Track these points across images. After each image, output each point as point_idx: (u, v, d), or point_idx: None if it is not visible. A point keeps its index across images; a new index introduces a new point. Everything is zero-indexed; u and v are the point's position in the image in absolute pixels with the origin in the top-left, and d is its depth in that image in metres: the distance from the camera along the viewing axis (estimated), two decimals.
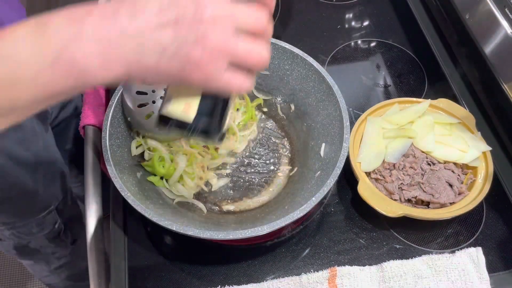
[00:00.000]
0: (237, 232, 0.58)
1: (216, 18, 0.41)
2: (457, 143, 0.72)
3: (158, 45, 0.41)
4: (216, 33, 0.42)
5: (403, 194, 0.69)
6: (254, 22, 0.44)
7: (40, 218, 0.89)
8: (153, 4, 0.41)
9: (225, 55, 0.42)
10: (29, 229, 0.89)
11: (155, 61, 0.41)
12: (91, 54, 0.40)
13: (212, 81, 0.43)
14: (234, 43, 0.42)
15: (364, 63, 0.92)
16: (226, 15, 0.42)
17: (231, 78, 0.44)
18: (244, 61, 0.44)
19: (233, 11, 0.43)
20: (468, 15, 0.83)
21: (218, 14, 0.42)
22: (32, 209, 0.88)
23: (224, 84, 0.44)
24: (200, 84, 0.44)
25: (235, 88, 0.45)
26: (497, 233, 0.70)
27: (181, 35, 0.41)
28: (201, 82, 0.44)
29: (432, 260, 0.64)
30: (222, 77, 0.43)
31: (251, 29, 0.44)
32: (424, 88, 0.87)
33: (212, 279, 0.66)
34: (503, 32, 0.76)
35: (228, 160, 0.76)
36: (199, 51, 0.41)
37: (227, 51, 0.42)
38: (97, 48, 0.40)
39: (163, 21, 0.41)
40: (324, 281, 0.63)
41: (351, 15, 1.00)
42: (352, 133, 0.73)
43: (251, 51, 0.44)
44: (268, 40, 0.46)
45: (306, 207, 0.59)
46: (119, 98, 0.70)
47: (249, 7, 0.44)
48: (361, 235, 0.70)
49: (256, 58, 0.44)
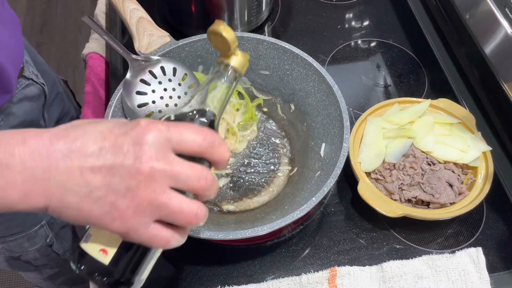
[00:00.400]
0: (237, 232, 0.57)
1: (154, 172, 0.40)
2: (457, 143, 0.72)
3: (85, 187, 0.39)
4: (149, 188, 0.40)
5: (403, 194, 0.69)
6: (193, 183, 0.42)
7: (32, 233, 0.87)
8: (94, 144, 0.40)
9: (154, 211, 0.41)
10: (20, 243, 0.88)
11: (78, 201, 0.40)
12: (13, 185, 0.39)
13: (133, 234, 0.41)
14: (166, 199, 0.40)
15: (364, 63, 0.92)
16: (165, 170, 0.40)
17: (156, 234, 0.42)
18: (174, 218, 0.42)
19: (175, 169, 0.41)
20: (468, 15, 0.83)
21: (157, 168, 0.40)
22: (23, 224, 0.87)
23: (146, 239, 0.42)
24: (120, 234, 0.42)
25: (159, 244, 0.43)
26: (497, 233, 0.70)
27: (112, 182, 0.39)
28: (120, 233, 0.42)
29: (432, 260, 0.64)
30: (146, 232, 0.41)
31: (188, 189, 0.42)
32: (424, 88, 0.87)
33: (212, 279, 0.66)
34: (503, 32, 0.76)
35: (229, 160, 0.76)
36: (126, 202, 0.40)
37: (157, 207, 0.41)
38: (20, 179, 0.39)
39: (98, 164, 0.39)
40: (324, 281, 0.63)
41: (351, 15, 1.00)
42: (352, 133, 0.73)
43: (183, 209, 0.42)
44: (210, 195, 0.45)
45: (306, 207, 0.59)
46: (119, 98, 0.70)
47: (193, 165, 0.42)
48: (361, 235, 0.70)
49: (189, 217, 0.42)
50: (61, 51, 2.25)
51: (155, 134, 0.40)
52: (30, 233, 0.88)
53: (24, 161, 0.39)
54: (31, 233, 0.88)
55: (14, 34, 0.74)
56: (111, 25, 0.96)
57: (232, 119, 0.77)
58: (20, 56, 0.76)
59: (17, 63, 0.75)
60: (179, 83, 0.71)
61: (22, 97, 0.77)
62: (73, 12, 2.39)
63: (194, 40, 0.76)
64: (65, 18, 2.37)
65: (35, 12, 2.37)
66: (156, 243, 0.43)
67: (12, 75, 0.72)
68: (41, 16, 2.36)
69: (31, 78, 0.80)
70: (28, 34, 2.27)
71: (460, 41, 0.88)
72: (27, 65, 0.81)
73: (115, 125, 0.41)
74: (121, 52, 0.71)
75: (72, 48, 2.25)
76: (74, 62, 2.20)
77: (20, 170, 0.39)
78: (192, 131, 0.43)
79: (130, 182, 0.39)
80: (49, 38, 2.29)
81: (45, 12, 2.38)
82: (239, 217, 0.70)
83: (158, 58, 0.72)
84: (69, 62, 2.21)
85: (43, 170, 0.39)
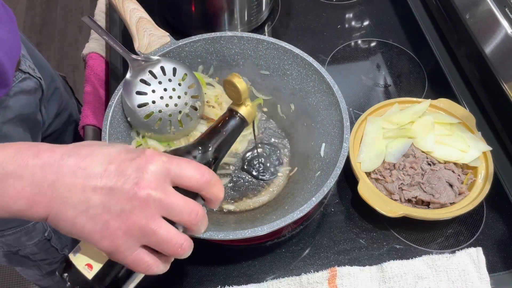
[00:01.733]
0: (237, 232, 0.57)
1: (149, 199, 0.42)
2: (457, 143, 0.72)
3: (84, 203, 0.42)
4: (142, 213, 0.42)
5: (403, 194, 0.69)
6: (184, 216, 0.44)
7: (30, 227, 0.88)
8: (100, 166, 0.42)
9: (142, 236, 0.43)
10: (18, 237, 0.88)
11: (74, 216, 0.42)
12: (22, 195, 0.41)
13: (119, 255, 0.43)
14: (156, 226, 0.43)
15: (364, 63, 0.92)
16: (160, 200, 0.43)
17: (140, 258, 0.44)
18: (161, 246, 0.44)
19: (169, 199, 0.43)
20: (468, 15, 0.83)
21: (153, 196, 0.42)
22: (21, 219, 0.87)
23: (130, 262, 0.44)
24: (106, 253, 0.44)
25: (141, 269, 0.45)
26: (497, 233, 0.70)
27: (109, 203, 0.42)
28: (107, 251, 0.44)
29: (432, 260, 0.64)
30: (131, 254, 0.43)
31: (178, 222, 0.45)
32: (424, 88, 0.87)
33: (212, 279, 0.66)
34: (503, 32, 0.76)
35: (228, 160, 0.76)
36: (118, 223, 0.42)
37: (146, 232, 0.43)
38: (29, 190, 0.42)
39: (100, 184, 0.42)
40: (324, 281, 0.63)
41: (351, 15, 1.00)
42: (352, 133, 0.73)
43: (171, 239, 0.44)
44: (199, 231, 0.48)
45: (306, 207, 0.59)
46: (119, 98, 0.70)
47: (187, 200, 0.45)
48: (361, 235, 0.70)
49: (174, 248, 0.45)
50: (61, 51, 2.25)
51: (157, 164, 0.43)
52: (28, 227, 0.88)
53: (34, 172, 0.42)
54: (29, 227, 0.88)
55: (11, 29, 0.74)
56: (111, 25, 0.96)
57: None
58: (17, 51, 0.76)
59: (14, 57, 0.75)
60: (179, 83, 0.71)
61: (18, 91, 0.77)
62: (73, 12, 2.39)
63: (194, 40, 0.75)
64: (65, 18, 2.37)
65: (35, 12, 2.37)
66: (139, 267, 0.45)
67: (8, 69, 0.72)
68: (41, 16, 2.36)
69: (28, 72, 0.80)
70: (28, 34, 2.27)
71: (460, 41, 0.88)
72: (24, 59, 0.81)
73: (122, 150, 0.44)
74: (121, 52, 0.71)
75: (72, 48, 2.25)
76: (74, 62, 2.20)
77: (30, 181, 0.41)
78: (192, 167, 0.46)
79: (125, 205, 0.42)
80: (49, 38, 2.29)
81: (45, 12, 2.38)
82: (239, 217, 0.70)
83: (158, 58, 0.72)
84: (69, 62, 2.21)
85: (50, 183, 0.42)
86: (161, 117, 0.69)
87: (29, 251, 0.94)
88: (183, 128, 0.71)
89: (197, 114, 0.72)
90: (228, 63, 0.79)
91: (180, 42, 0.75)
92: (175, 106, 0.70)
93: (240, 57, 0.78)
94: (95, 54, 0.91)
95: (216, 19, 0.91)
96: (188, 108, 0.71)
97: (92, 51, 0.91)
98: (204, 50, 0.77)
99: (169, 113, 0.70)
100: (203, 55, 0.78)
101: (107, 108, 0.68)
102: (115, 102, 0.69)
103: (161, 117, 0.69)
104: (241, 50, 0.77)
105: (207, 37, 0.76)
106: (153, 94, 0.70)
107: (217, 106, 0.76)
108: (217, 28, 0.92)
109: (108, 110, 0.68)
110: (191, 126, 0.72)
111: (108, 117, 0.67)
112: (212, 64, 0.79)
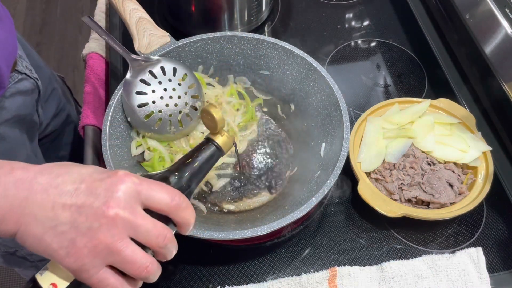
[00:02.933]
0: (237, 232, 0.57)
1: (117, 219, 0.42)
2: (457, 143, 0.72)
3: (52, 220, 0.42)
4: (109, 233, 0.42)
5: (403, 194, 0.69)
6: (151, 239, 0.44)
7: None
8: (72, 184, 0.43)
9: (108, 255, 0.43)
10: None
11: (42, 233, 0.42)
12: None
13: (84, 274, 0.43)
14: (122, 246, 0.43)
15: (364, 63, 0.92)
16: (128, 220, 0.43)
17: (105, 278, 0.44)
18: (126, 267, 0.44)
19: (137, 221, 0.43)
20: (468, 15, 0.83)
21: (121, 215, 0.42)
22: None
23: (95, 282, 0.44)
24: (70, 271, 0.44)
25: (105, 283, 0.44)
26: (497, 233, 0.70)
27: (77, 220, 0.42)
28: (72, 270, 0.44)
29: (432, 260, 0.64)
30: (95, 275, 0.43)
31: (146, 244, 0.45)
32: (424, 88, 0.87)
33: (212, 279, 0.66)
34: (503, 32, 0.76)
35: (229, 160, 0.76)
36: (84, 241, 0.42)
37: (111, 252, 0.43)
38: (1, 206, 0.42)
39: (70, 202, 0.42)
40: (324, 281, 0.63)
41: (351, 15, 1.00)
42: (352, 133, 0.73)
43: (135, 260, 0.44)
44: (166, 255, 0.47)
45: (306, 207, 0.59)
46: (119, 98, 0.70)
47: (156, 222, 0.45)
48: (361, 235, 0.70)
49: (139, 269, 0.44)
50: (61, 51, 2.25)
51: (128, 185, 0.44)
52: None
53: (7, 188, 0.42)
54: None
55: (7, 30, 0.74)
56: (111, 25, 0.96)
57: (232, 119, 0.77)
58: (13, 52, 0.76)
59: (10, 58, 0.75)
60: (179, 83, 0.71)
61: (15, 91, 0.77)
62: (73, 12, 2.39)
63: (194, 40, 0.76)
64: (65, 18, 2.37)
65: (35, 12, 2.37)
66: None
67: (4, 70, 0.72)
68: (41, 16, 2.36)
69: (25, 72, 0.80)
70: (28, 34, 2.27)
71: (460, 41, 0.88)
72: (21, 60, 0.80)
73: (95, 171, 0.45)
74: (121, 52, 0.71)
75: (72, 48, 2.25)
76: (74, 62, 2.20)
77: (2, 197, 0.42)
78: (162, 190, 0.46)
79: (93, 222, 0.42)
80: (49, 38, 2.29)
81: (45, 12, 2.38)
82: (239, 217, 0.70)
83: (158, 58, 0.72)
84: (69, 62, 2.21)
85: (22, 199, 0.42)
86: (161, 117, 0.69)
87: (26, 251, 0.94)
88: (183, 128, 0.71)
89: (197, 114, 0.72)
90: (228, 63, 0.79)
91: (180, 42, 0.75)
92: (175, 106, 0.70)
93: (240, 57, 0.78)
94: (95, 54, 0.91)
95: (216, 19, 0.91)
96: (188, 108, 0.71)
97: (92, 51, 0.91)
98: (204, 50, 0.77)
99: (169, 113, 0.70)
100: (203, 55, 0.78)
101: (107, 108, 0.68)
102: (115, 102, 0.69)
103: (161, 117, 0.69)
104: (241, 50, 0.77)
105: (207, 37, 0.76)
106: (153, 94, 0.70)
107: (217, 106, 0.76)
108: (217, 28, 0.92)
109: (108, 110, 0.68)
110: (191, 126, 0.72)
111: (108, 117, 0.67)
112: (212, 64, 0.79)
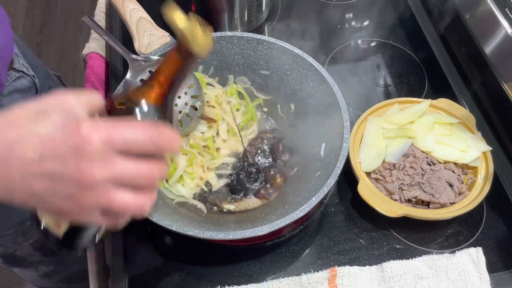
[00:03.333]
0: (237, 232, 0.57)
1: (96, 182, 0.40)
2: (457, 143, 0.72)
3: (28, 191, 0.40)
4: (92, 193, 0.40)
5: (403, 194, 0.69)
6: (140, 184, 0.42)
7: (26, 227, 0.88)
8: (33, 152, 0.39)
9: (98, 208, 0.42)
10: (14, 238, 0.88)
11: (24, 198, 0.41)
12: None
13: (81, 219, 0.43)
14: (109, 200, 0.41)
15: (364, 63, 0.92)
16: (108, 178, 0.40)
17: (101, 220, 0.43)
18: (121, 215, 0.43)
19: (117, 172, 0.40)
20: (468, 15, 0.83)
21: (98, 177, 0.40)
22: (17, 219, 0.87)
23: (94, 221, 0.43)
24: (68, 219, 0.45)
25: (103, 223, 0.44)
26: (497, 233, 0.70)
27: (54, 188, 0.40)
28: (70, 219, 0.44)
29: (432, 260, 0.64)
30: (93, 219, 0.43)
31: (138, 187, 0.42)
32: (424, 88, 0.87)
33: (212, 279, 0.66)
34: (503, 32, 0.76)
35: (228, 160, 0.76)
36: (70, 205, 0.41)
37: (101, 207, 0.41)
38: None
39: (39, 171, 0.39)
40: (324, 281, 0.63)
41: (351, 15, 1.00)
42: (352, 133, 0.73)
43: (130, 206, 0.42)
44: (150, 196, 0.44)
45: (306, 207, 0.59)
46: None
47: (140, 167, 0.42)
48: (361, 235, 0.70)
49: (136, 212, 0.43)
50: (61, 51, 2.25)
51: (95, 144, 0.40)
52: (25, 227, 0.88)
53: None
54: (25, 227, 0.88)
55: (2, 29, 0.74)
56: (111, 25, 0.96)
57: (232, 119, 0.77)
58: (10, 51, 0.76)
59: (6, 57, 0.75)
60: None
61: (12, 90, 0.77)
62: (73, 12, 2.39)
63: None
64: (65, 18, 2.37)
65: (35, 12, 2.37)
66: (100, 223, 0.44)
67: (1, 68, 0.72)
68: (41, 16, 2.36)
69: (22, 70, 0.80)
70: (28, 34, 2.27)
71: (460, 41, 0.88)
72: (17, 58, 0.80)
73: (54, 129, 0.40)
74: (121, 52, 0.71)
75: (72, 48, 2.25)
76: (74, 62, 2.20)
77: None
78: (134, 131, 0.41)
79: (71, 190, 0.40)
80: (49, 38, 2.29)
81: (45, 12, 2.38)
82: (239, 217, 0.70)
83: (158, 58, 0.72)
84: (69, 62, 2.21)
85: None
86: None
87: (26, 252, 0.94)
88: (183, 128, 0.71)
89: (197, 114, 0.72)
90: (228, 63, 0.79)
91: None
92: (175, 106, 0.70)
93: (240, 57, 0.78)
94: (95, 54, 0.91)
95: (216, 19, 0.91)
96: (188, 108, 0.71)
97: (92, 51, 0.91)
98: None
99: None
100: None
101: None
102: None
103: None
104: (241, 50, 0.77)
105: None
106: None
107: (217, 106, 0.76)
108: (217, 28, 0.92)
109: None
110: (191, 126, 0.72)
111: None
112: (212, 64, 0.79)
